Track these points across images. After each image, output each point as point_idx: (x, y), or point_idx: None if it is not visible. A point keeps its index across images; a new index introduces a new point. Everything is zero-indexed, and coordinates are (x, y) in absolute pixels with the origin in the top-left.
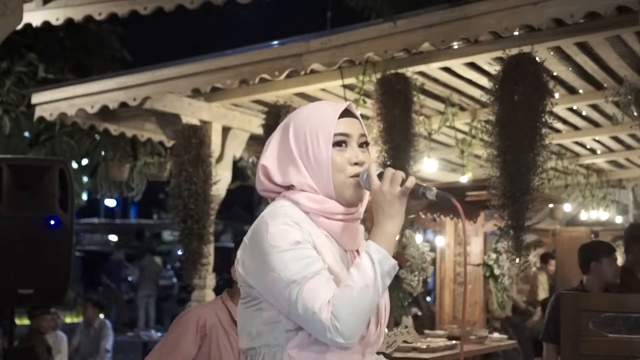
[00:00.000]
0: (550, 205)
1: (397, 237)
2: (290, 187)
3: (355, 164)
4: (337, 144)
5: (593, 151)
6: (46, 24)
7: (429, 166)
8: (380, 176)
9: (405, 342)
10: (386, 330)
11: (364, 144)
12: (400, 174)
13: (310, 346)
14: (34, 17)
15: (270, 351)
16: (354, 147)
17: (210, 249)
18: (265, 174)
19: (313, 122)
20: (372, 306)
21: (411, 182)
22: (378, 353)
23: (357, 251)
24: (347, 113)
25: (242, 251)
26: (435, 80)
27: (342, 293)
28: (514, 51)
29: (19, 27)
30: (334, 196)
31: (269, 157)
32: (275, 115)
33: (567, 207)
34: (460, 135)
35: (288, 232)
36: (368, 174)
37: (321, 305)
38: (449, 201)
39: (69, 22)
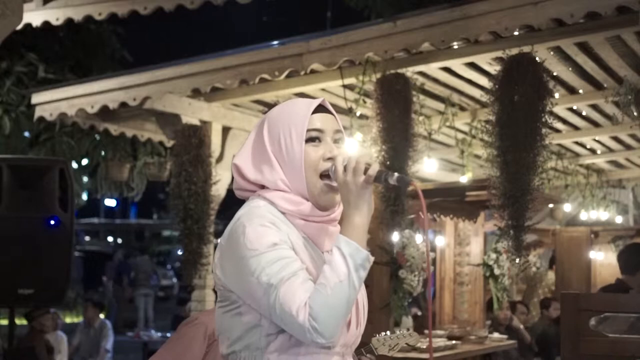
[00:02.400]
0: (550, 205)
1: (367, 228)
2: (264, 186)
3: (329, 159)
4: (311, 139)
5: (593, 151)
6: (46, 24)
7: (429, 166)
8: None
9: (407, 344)
10: (388, 332)
11: (339, 140)
12: (363, 162)
13: (289, 349)
14: (34, 17)
15: (250, 355)
16: (328, 142)
17: (210, 249)
18: (238, 172)
19: (286, 119)
20: (350, 301)
21: (374, 169)
22: (381, 355)
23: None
24: (321, 109)
25: (219, 254)
26: (435, 80)
27: (317, 293)
28: (514, 51)
29: (19, 27)
30: (307, 195)
31: (242, 156)
32: None
33: (567, 207)
34: (460, 135)
35: (265, 234)
36: (334, 166)
37: (298, 307)
38: (410, 183)
39: (69, 22)
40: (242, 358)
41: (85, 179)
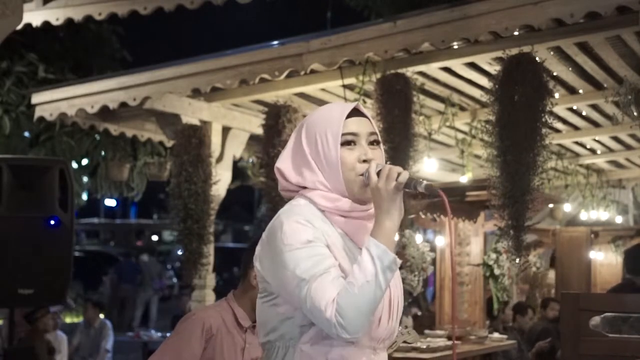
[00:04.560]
0: (550, 205)
1: (397, 233)
2: (306, 187)
3: (365, 161)
4: (346, 143)
5: (593, 151)
6: (46, 24)
7: (429, 166)
8: (380, 173)
9: (405, 342)
10: None
11: (374, 142)
12: (396, 170)
13: (322, 340)
14: (34, 17)
15: (284, 345)
16: (363, 145)
17: (210, 249)
18: (281, 174)
19: (322, 123)
20: (376, 300)
21: (404, 176)
22: None
23: None
24: (356, 113)
25: (260, 247)
26: (435, 80)
27: (345, 291)
28: (514, 51)
29: (19, 27)
30: (346, 193)
31: (284, 159)
32: (275, 115)
33: (567, 207)
34: (460, 135)
35: (300, 230)
36: (368, 171)
37: (327, 303)
38: (437, 193)
39: (69, 22)
40: (276, 347)
41: (85, 179)
